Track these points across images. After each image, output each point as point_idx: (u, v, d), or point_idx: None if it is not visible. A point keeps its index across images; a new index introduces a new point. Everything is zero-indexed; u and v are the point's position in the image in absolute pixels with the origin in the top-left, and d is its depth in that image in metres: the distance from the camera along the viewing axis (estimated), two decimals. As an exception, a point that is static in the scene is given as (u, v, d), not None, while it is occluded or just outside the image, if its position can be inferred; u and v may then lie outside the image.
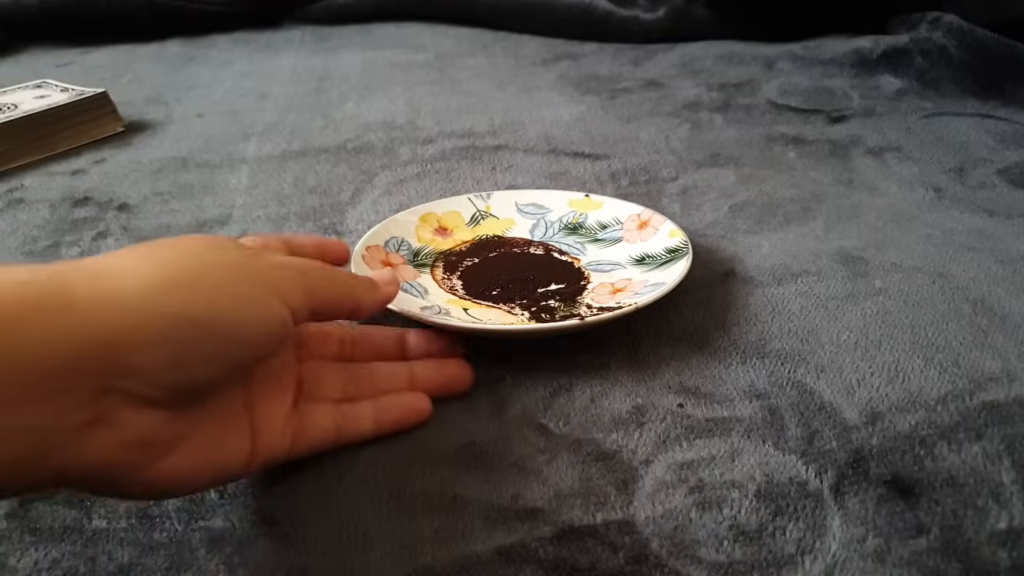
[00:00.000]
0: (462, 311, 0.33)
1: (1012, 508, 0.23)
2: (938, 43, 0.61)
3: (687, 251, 0.34)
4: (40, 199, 0.47)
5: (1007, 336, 0.31)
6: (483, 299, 0.35)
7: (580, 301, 0.34)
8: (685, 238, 0.35)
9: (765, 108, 0.59)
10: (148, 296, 0.18)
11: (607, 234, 0.39)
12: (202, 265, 0.20)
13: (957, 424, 0.27)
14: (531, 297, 0.34)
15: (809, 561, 0.22)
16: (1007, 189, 0.44)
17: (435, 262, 0.38)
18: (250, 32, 0.90)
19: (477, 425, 0.27)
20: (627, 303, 0.31)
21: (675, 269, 0.33)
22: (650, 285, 0.33)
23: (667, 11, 0.77)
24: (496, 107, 0.61)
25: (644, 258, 0.36)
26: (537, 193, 0.42)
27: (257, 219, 0.44)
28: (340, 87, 0.68)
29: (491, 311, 0.33)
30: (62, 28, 0.86)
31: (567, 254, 0.38)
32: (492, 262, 0.38)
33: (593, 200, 0.41)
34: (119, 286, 0.18)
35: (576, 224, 0.40)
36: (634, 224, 0.39)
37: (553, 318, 0.32)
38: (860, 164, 0.48)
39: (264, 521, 0.24)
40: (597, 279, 0.36)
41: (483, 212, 0.41)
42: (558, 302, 0.34)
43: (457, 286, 0.36)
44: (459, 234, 0.40)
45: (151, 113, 0.62)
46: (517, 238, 0.40)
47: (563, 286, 0.35)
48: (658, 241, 0.37)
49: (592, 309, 0.33)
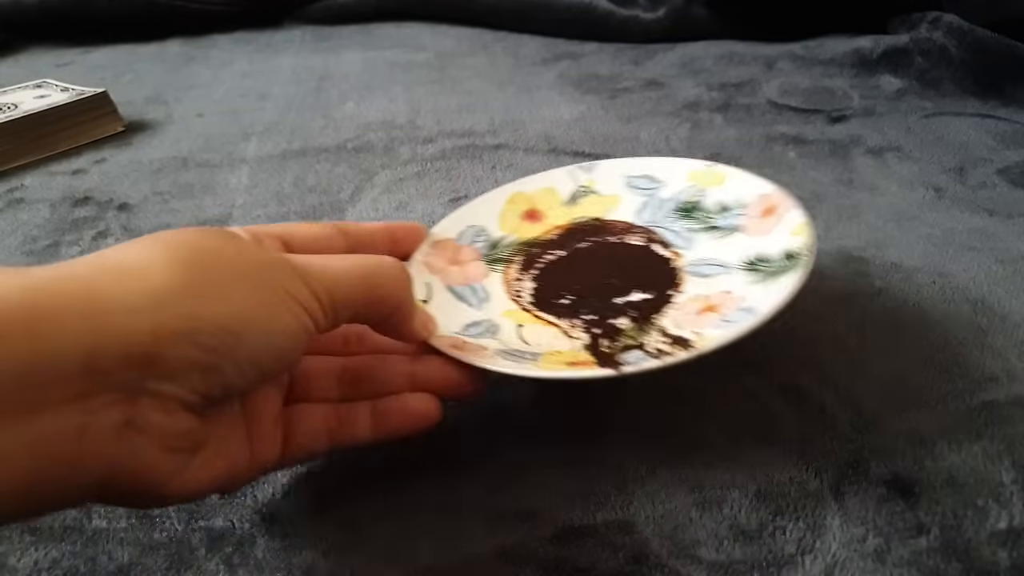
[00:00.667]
0: (513, 329, 0.28)
1: (1012, 508, 0.23)
2: (938, 43, 0.61)
3: (805, 260, 0.26)
4: (40, 199, 0.47)
5: (1007, 336, 0.31)
6: (549, 310, 0.29)
7: (656, 322, 0.27)
8: (810, 238, 0.27)
9: (765, 108, 0.59)
10: (178, 299, 0.18)
11: (725, 220, 0.32)
12: (226, 267, 0.19)
13: (957, 424, 0.27)
14: (603, 310, 0.28)
15: (809, 561, 0.22)
16: (1007, 189, 0.44)
17: (513, 256, 0.32)
18: (250, 32, 0.90)
19: (477, 426, 0.27)
20: (708, 334, 0.25)
21: (777, 289, 0.25)
22: (742, 310, 0.26)
23: (667, 11, 0.77)
24: (496, 106, 0.61)
25: (757, 262, 0.29)
26: (654, 162, 0.35)
27: (257, 218, 0.44)
28: (340, 87, 0.68)
29: (547, 330, 0.28)
30: (62, 28, 0.86)
31: (671, 246, 0.32)
32: (578, 257, 0.32)
33: (717, 172, 0.33)
34: (147, 287, 0.17)
35: (691, 204, 0.33)
36: (758, 209, 0.31)
37: (613, 345, 0.27)
38: (860, 164, 0.48)
39: (264, 521, 0.24)
40: (692, 287, 0.29)
41: (584, 188, 0.35)
42: (631, 321, 0.28)
43: (526, 290, 0.31)
44: (552, 217, 0.34)
45: (151, 113, 0.62)
46: (618, 222, 0.33)
47: (647, 296, 0.29)
48: (778, 237, 0.29)
49: (665, 337, 0.26)
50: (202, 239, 0.20)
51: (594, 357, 0.25)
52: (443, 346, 0.25)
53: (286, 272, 0.20)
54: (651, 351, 0.25)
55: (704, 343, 0.24)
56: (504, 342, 0.27)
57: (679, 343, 0.25)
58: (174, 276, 0.18)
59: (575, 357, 0.26)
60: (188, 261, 0.19)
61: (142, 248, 0.19)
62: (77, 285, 0.17)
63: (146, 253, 0.19)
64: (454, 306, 0.29)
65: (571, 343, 0.27)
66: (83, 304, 0.16)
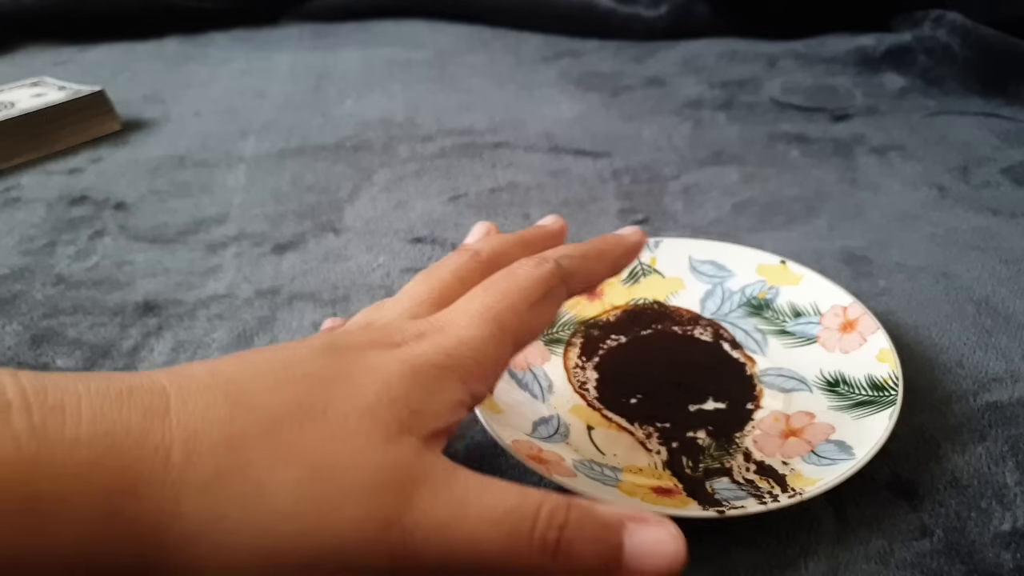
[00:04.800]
0: (583, 430, 0.26)
1: (1016, 510, 0.23)
2: (942, 41, 0.60)
3: (894, 398, 0.25)
4: (37, 198, 0.47)
5: (1011, 336, 0.31)
6: (619, 411, 0.27)
7: (738, 444, 0.25)
8: (896, 369, 0.26)
9: (768, 106, 0.58)
10: (290, 518, 0.14)
11: (799, 326, 0.30)
12: (340, 468, 0.15)
13: (961, 425, 0.26)
14: (678, 419, 0.26)
15: (812, 563, 0.21)
16: (1011, 188, 0.44)
17: (573, 336, 0.30)
18: (248, 30, 0.90)
19: (478, 427, 0.27)
20: (798, 468, 0.23)
21: (870, 429, 0.24)
22: (832, 443, 0.24)
23: (669, 8, 0.77)
24: (496, 104, 0.61)
25: (839, 383, 0.27)
26: (719, 247, 0.33)
27: (255, 217, 0.44)
28: (338, 84, 0.68)
29: (621, 437, 0.26)
30: (59, 26, 0.85)
31: (741, 348, 0.30)
32: (642, 346, 0.30)
33: (791, 270, 0.32)
34: (260, 506, 0.14)
35: (763, 302, 0.31)
36: (837, 321, 0.29)
37: (696, 467, 0.24)
38: (863, 163, 0.48)
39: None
40: (770, 402, 0.27)
41: (646, 267, 0.33)
42: (709, 439, 0.26)
43: (590, 381, 0.28)
44: (611, 295, 0.32)
45: (148, 111, 0.62)
46: (682, 310, 0.32)
47: (724, 406, 0.27)
48: (862, 359, 0.27)
49: (750, 463, 0.24)
50: (322, 423, 0.15)
51: (680, 482, 0.24)
52: (523, 457, 0.22)
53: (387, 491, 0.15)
54: (739, 480, 0.24)
55: (798, 482, 0.23)
56: (577, 448, 0.25)
57: (768, 474, 0.24)
58: (286, 484, 0.14)
59: (657, 477, 0.24)
60: (301, 462, 0.14)
61: (249, 433, 0.14)
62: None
63: (253, 447, 0.14)
64: (518, 395, 0.27)
65: (649, 457, 0.25)
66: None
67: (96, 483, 0.13)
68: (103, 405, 0.14)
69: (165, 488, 0.14)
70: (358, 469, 0.15)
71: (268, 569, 0.14)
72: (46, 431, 0.13)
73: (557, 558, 0.15)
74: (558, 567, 0.15)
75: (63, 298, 0.36)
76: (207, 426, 0.14)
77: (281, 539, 0.14)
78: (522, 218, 0.42)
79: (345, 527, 0.14)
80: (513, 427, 0.25)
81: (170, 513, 0.14)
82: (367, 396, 0.16)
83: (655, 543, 0.16)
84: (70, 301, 0.36)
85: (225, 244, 0.41)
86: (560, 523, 0.15)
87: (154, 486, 0.13)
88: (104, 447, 0.13)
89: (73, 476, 0.13)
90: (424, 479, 0.15)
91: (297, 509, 0.14)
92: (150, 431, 0.14)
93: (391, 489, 0.15)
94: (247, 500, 0.14)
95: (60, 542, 0.13)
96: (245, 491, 0.14)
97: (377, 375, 0.16)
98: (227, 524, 0.14)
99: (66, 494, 0.13)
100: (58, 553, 0.13)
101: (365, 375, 0.16)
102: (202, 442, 0.14)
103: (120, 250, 0.40)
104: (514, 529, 0.15)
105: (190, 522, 0.14)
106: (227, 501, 0.14)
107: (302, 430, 0.15)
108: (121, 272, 0.38)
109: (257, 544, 0.14)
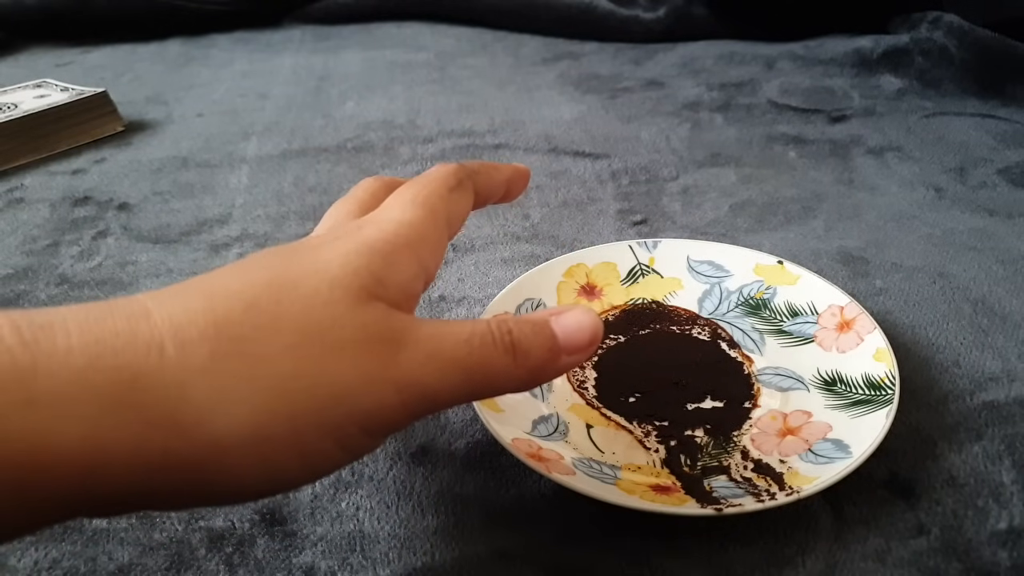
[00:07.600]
0: (582, 430, 0.26)
1: (1012, 508, 0.23)
2: (939, 43, 0.61)
3: (891, 397, 0.25)
4: (40, 199, 0.47)
5: (1007, 336, 0.31)
6: (617, 409, 0.27)
7: (736, 443, 0.26)
8: (893, 368, 0.26)
9: (766, 108, 0.59)
10: (242, 449, 0.15)
11: (796, 326, 0.30)
12: (326, 329, 0.16)
13: (957, 424, 0.27)
14: (676, 417, 0.27)
15: (810, 561, 0.22)
16: (1008, 189, 0.44)
17: None
18: (250, 31, 0.90)
19: (478, 425, 0.27)
20: (795, 466, 0.24)
21: (867, 428, 0.24)
22: (829, 441, 0.25)
23: (667, 10, 0.77)
24: (496, 106, 0.61)
25: (836, 382, 0.27)
26: (717, 247, 0.34)
27: (257, 218, 0.44)
28: (340, 86, 0.68)
29: (619, 435, 0.26)
30: (62, 27, 0.86)
31: (739, 347, 0.30)
32: (641, 345, 0.30)
33: (788, 270, 0.32)
34: (212, 435, 0.14)
35: (760, 301, 0.32)
36: (833, 321, 0.30)
37: (694, 465, 0.25)
38: (861, 164, 0.48)
39: (264, 521, 0.24)
40: (768, 401, 0.27)
41: (645, 267, 0.34)
42: (707, 437, 0.26)
43: (589, 381, 0.29)
44: (610, 295, 0.33)
45: (151, 112, 0.62)
46: (680, 310, 0.32)
47: (721, 404, 0.27)
48: (858, 359, 0.28)
49: (748, 461, 0.25)
50: (254, 292, 0.16)
51: (678, 480, 0.24)
52: (522, 455, 0.23)
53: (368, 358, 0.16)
54: (737, 478, 0.24)
55: (796, 480, 0.23)
56: (576, 446, 0.26)
57: (766, 472, 0.24)
58: (241, 420, 0.15)
59: (656, 475, 0.24)
60: (262, 400, 0.15)
61: (206, 360, 0.15)
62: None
63: (210, 374, 0.15)
64: (518, 394, 0.27)
65: (647, 455, 0.25)
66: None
67: (96, 381, 0.14)
68: (88, 318, 0.15)
69: (166, 377, 0.14)
70: (343, 328, 0.16)
71: (288, 434, 0.15)
72: (38, 344, 0.14)
73: (517, 357, 0.18)
74: (519, 366, 0.18)
75: (66, 298, 0.36)
76: (191, 317, 0.15)
77: (292, 397, 0.15)
78: (522, 219, 0.43)
79: (348, 371, 0.16)
80: (513, 426, 0.25)
81: (176, 398, 0.14)
82: (331, 270, 0.17)
83: (576, 323, 0.19)
84: (73, 301, 0.36)
85: (228, 244, 0.41)
86: (508, 329, 0.18)
87: (154, 377, 0.14)
88: (97, 351, 0.14)
89: (72, 379, 0.13)
90: (403, 328, 0.17)
91: (299, 367, 0.15)
92: (138, 331, 0.15)
93: (378, 338, 0.16)
94: (251, 370, 0.15)
95: (68, 441, 0.13)
96: (245, 364, 0.15)
97: (335, 254, 0.18)
98: (236, 395, 0.15)
99: (67, 393, 0.13)
100: (69, 450, 0.13)
101: (324, 255, 0.18)
102: (190, 332, 0.15)
103: (123, 250, 0.41)
104: (482, 342, 0.18)
105: (200, 403, 0.14)
106: (231, 375, 0.15)
107: (280, 304, 0.16)
108: (124, 272, 0.39)
109: (270, 407, 0.15)
